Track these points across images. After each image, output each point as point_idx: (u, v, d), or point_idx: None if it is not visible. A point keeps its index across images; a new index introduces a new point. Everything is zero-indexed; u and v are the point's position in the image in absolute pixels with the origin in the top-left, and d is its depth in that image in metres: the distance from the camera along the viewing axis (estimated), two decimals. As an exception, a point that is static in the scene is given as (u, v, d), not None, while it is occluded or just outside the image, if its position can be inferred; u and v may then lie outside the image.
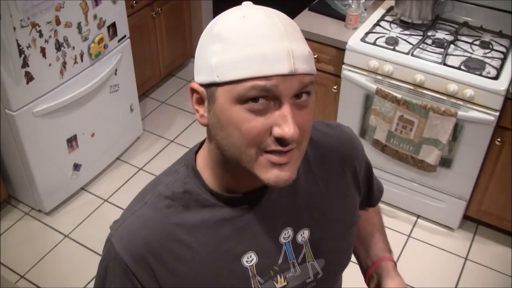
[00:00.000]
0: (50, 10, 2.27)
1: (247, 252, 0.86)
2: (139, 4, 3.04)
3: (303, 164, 0.91)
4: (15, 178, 2.67)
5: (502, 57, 2.30)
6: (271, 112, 0.73)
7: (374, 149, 2.50)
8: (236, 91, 0.72)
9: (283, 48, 0.72)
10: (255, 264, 0.87)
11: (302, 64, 0.73)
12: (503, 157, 2.32)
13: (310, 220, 0.91)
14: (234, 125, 0.73)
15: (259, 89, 0.71)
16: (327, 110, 2.66)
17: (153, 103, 3.55)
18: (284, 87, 0.71)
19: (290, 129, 0.71)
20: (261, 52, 0.71)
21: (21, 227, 2.69)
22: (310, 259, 0.92)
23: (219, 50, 0.73)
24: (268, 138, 0.74)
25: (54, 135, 2.56)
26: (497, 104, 2.17)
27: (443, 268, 2.50)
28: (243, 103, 0.72)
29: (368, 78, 2.39)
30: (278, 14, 0.76)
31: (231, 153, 0.76)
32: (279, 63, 0.71)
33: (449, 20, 2.55)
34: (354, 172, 0.98)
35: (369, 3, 2.64)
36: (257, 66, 0.70)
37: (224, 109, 0.74)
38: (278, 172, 0.75)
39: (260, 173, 0.76)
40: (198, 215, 0.85)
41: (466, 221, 2.68)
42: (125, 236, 0.84)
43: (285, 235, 0.89)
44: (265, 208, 0.87)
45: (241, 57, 0.71)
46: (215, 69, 0.73)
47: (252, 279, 0.87)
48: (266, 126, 0.73)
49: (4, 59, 2.18)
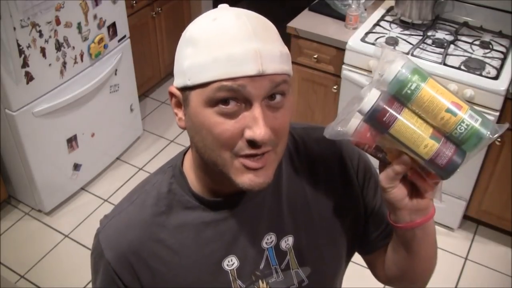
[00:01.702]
0: (50, 10, 2.27)
1: (228, 255, 0.86)
2: (139, 4, 3.04)
3: (288, 169, 0.89)
4: (15, 178, 2.67)
5: (502, 57, 2.30)
6: (242, 114, 0.71)
7: (374, 149, 2.50)
8: (206, 94, 0.71)
9: (250, 48, 0.70)
10: (236, 268, 0.86)
11: (272, 64, 0.71)
12: (503, 157, 2.32)
13: (294, 227, 0.89)
14: (206, 129, 0.73)
15: (226, 90, 0.70)
16: (327, 110, 2.66)
17: (153, 103, 3.55)
18: (253, 87, 0.70)
19: (261, 131, 0.70)
20: (228, 53, 0.70)
21: (21, 227, 2.69)
22: (295, 266, 0.90)
23: (191, 54, 0.73)
24: (240, 141, 0.72)
25: (54, 135, 2.56)
26: (497, 104, 2.16)
27: (443, 268, 2.49)
28: (213, 106, 0.71)
29: (368, 78, 2.39)
30: (248, 15, 0.74)
31: (208, 156, 0.76)
32: (246, 63, 0.69)
33: (449, 20, 2.55)
34: (346, 175, 0.93)
35: (369, 3, 2.64)
36: (224, 68, 0.69)
37: (196, 112, 0.73)
38: (252, 176, 0.74)
39: (235, 177, 0.74)
40: (180, 216, 0.85)
41: (466, 221, 2.68)
42: (111, 235, 0.85)
43: (267, 240, 0.88)
44: (247, 212, 0.86)
45: (209, 59, 0.70)
46: (187, 73, 0.73)
47: (233, 283, 0.86)
48: (238, 129, 0.71)
49: (4, 59, 2.18)
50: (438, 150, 0.72)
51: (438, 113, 0.71)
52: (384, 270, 0.98)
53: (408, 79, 0.71)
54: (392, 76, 0.72)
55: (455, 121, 0.71)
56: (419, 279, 0.95)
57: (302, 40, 2.52)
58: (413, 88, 0.71)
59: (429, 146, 0.72)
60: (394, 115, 0.72)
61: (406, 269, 0.93)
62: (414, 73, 0.72)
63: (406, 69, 0.72)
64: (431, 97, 0.71)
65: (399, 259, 0.91)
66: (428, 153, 0.72)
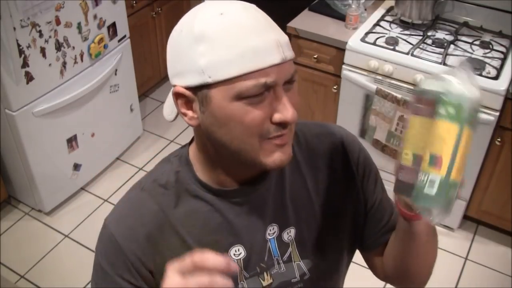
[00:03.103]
0: (50, 10, 2.27)
1: (235, 245, 0.87)
2: (139, 4, 3.04)
3: (293, 165, 0.91)
4: (15, 178, 2.67)
5: (502, 57, 2.30)
6: (268, 100, 0.75)
7: (374, 149, 2.50)
8: (236, 89, 0.73)
9: (270, 39, 0.74)
10: (242, 258, 0.87)
11: (288, 50, 0.76)
12: (503, 157, 2.32)
13: (297, 219, 0.91)
14: (235, 120, 0.75)
15: (261, 87, 0.73)
16: (327, 110, 2.66)
17: (153, 103, 3.55)
18: (279, 76, 0.74)
19: (291, 113, 0.75)
20: (252, 46, 0.72)
21: (21, 227, 2.69)
22: (297, 258, 0.91)
23: (207, 51, 0.73)
24: (268, 124, 0.76)
25: (54, 135, 2.56)
26: (497, 104, 2.17)
27: (443, 268, 2.50)
28: (242, 99, 0.74)
29: (368, 78, 2.39)
30: (253, 6, 0.78)
31: (235, 146, 0.77)
32: (271, 54, 0.73)
33: (449, 20, 2.55)
34: (347, 168, 0.94)
35: (369, 3, 2.65)
36: (251, 61, 0.72)
37: (222, 107, 0.75)
38: (279, 154, 0.78)
39: (264, 158, 0.78)
40: (188, 204, 0.87)
41: (466, 221, 2.68)
42: (121, 218, 0.87)
43: (270, 231, 0.89)
44: (253, 203, 0.88)
45: (232, 54, 0.72)
46: (205, 70, 0.73)
47: (239, 273, 0.88)
48: (266, 113, 0.75)
49: (4, 59, 2.18)
50: (406, 167, 0.75)
51: (426, 148, 0.72)
52: (383, 267, 0.99)
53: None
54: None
55: (424, 168, 0.72)
56: (417, 278, 0.96)
57: (302, 40, 2.52)
58: (461, 116, 0.72)
59: (407, 156, 0.75)
60: (431, 112, 0.73)
61: (405, 267, 0.93)
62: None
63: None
64: (446, 134, 0.72)
65: (399, 256, 0.92)
66: (401, 159, 0.76)
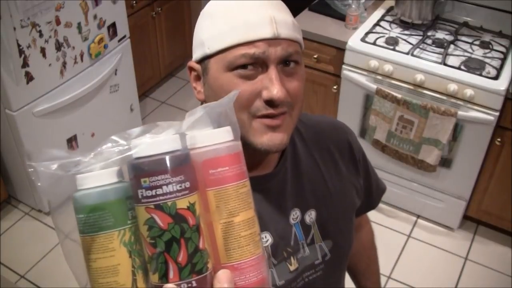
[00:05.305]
0: (50, 10, 2.27)
1: (262, 232, 0.87)
2: (139, 4, 3.04)
3: (303, 147, 0.95)
4: (15, 178, 2.67)
5: (502, 57, 2.30)
6: (259, 77, 0.77)
7: (374, 149, 2.50)
8: (227, 59, 0.77)
9: (265, 15, 0.76)
10: (270, 245, 0.88)
11: (285, 29, 0.77)
12: (503, 157, 2.32)
13: (315, 201, 0.93)
14: (225, 91, 0.76)
15: (249, 57, 0.76)
16: (327, 110, 2.66)
17: (153, 103, 3.55)
18: (270, 52, 0.76)
19: (277, 90, 0.75)
20: (245, 19, 0.76)
21: (21, 227, 2.69)
22: (318, 240, 0.93)
23: (208, 25, 0.79)
24: (258, 102, 0.77)
25: (54, 135, 2.56)
26: (497, 104, 2.17)
27: (443, 268, 2.50)
28: (232, 70, 0.77)
29: (368, 78, 2.39)
30: None
31: None
32: (262, 28, 0.76)
33: (449, 20, 2.55)
34: (351, 154, 1.01)
35: (369, 3, 2.65)
36: (242, 33, 0.75)
37: (216, 77, 0.79)
38: (270, 136, 0.79)
39: (253, 138, 0.79)
40: None
41: (466, 221, 2.68)
42: None
43: (293, 216, 0.91)
44: (273, 189, 0.89)
45: (227, 26, 0.77)
46: (206, 42, 0.79)
47: (267, 261, 0.87)
48: (256, 89, 0.77)
49: (4, 59, 2.18)
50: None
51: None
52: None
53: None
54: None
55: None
56: None
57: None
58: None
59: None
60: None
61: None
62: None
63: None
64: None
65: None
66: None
